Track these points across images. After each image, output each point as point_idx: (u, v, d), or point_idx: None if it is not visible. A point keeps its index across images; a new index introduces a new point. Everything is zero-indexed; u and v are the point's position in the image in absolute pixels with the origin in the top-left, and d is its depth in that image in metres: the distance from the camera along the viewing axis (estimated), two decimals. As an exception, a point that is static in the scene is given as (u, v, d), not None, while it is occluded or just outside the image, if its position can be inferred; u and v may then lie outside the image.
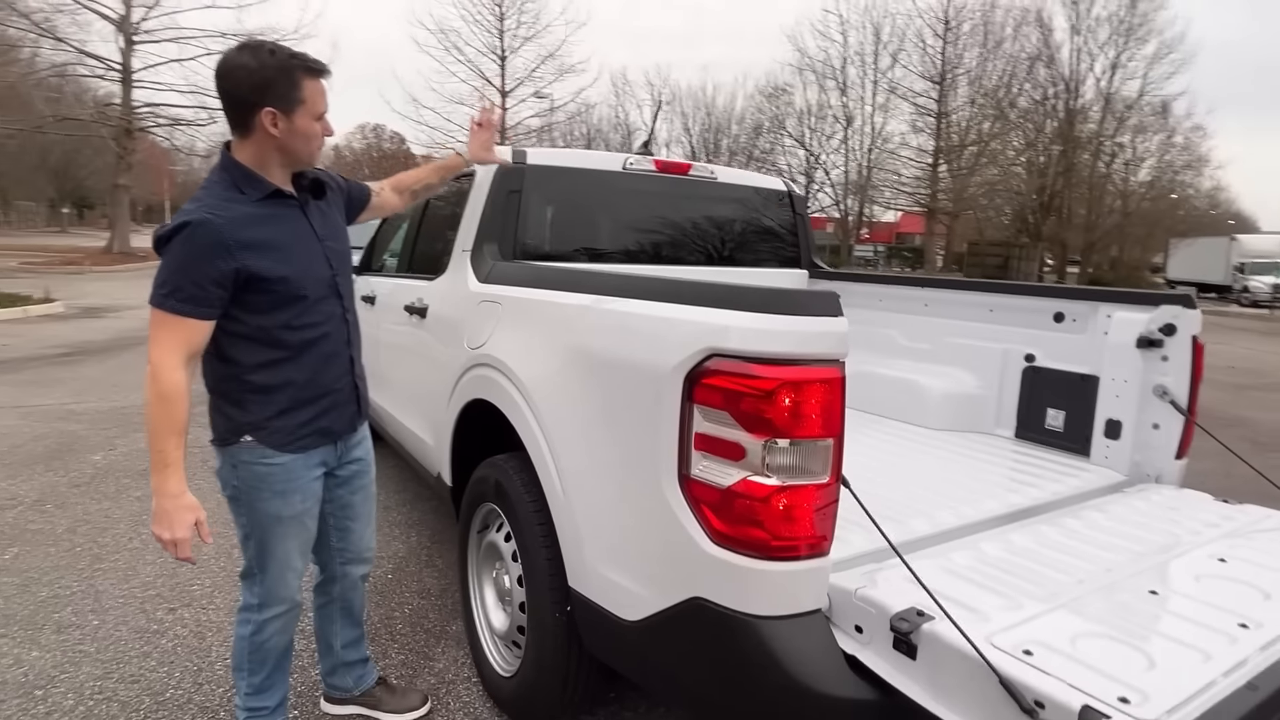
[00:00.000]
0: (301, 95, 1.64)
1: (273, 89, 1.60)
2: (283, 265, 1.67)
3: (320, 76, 1.69)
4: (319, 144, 1.74)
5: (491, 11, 24.75)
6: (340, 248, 1.86)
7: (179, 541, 1.60)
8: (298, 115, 1.64)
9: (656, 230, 3.24)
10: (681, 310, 1.53)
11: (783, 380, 1.33)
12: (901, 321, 3.19)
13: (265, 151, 1.67)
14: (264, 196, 1.66)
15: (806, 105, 35.03)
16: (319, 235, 1.79)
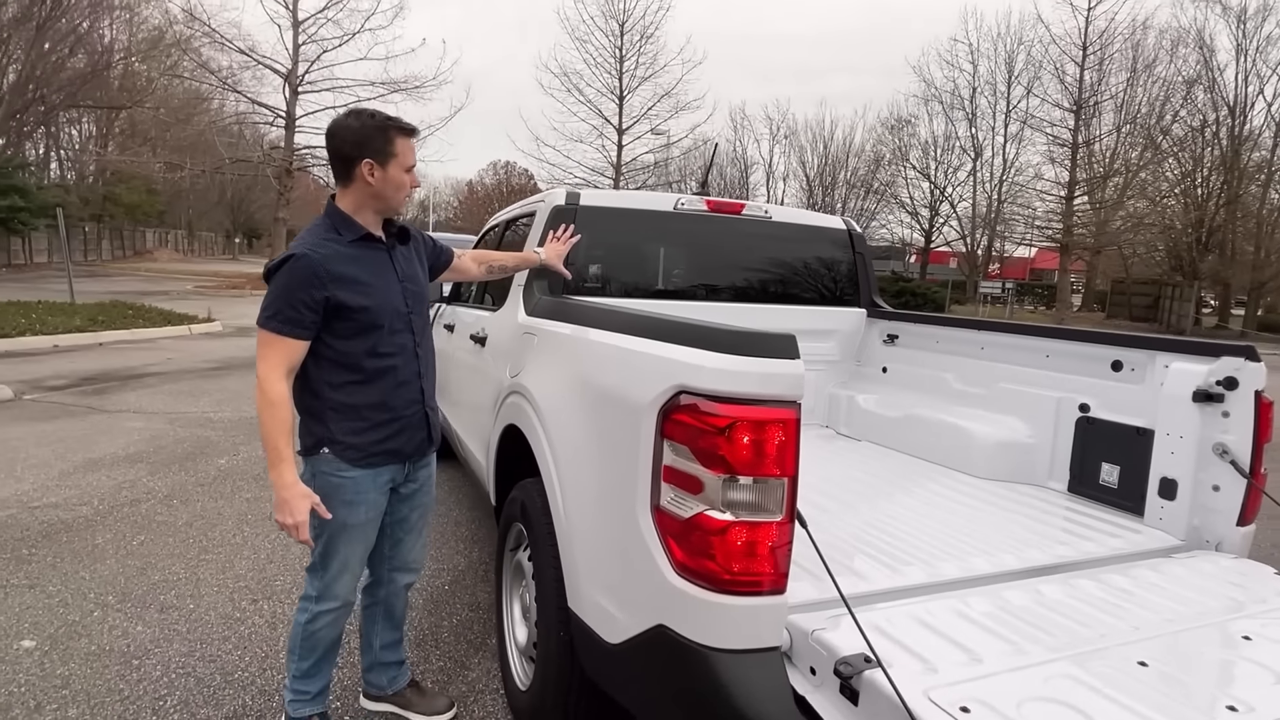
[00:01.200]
0: (394, 150, 1.92)
1: (371, 144, 1.90)
2: (365, 297, 1.92)
3: (410, 136, 1.97)
4: (406, 193, 2.01)
5: (612, 54, 25.79)
6: (417, 290, 2.10)
7: (299, 525, 1.86)
8: (391, 167, 1.92)
9: (710, 269, 3.32)
10: (662, 348, 1.62)
11: (737, 419, 1.39)
12: (957, 364, 3.09)
13: (362, 199, 1.95)
14: (356, 239, 1.95)
15: (932, 137, 33.97)
16: (400, 276, 2.04)
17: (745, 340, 1.42)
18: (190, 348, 11.02)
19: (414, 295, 2.10)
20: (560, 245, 2.81)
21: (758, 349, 1.41)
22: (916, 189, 35.02)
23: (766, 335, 1.42)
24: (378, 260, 2.01)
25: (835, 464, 2.94)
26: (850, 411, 3.43)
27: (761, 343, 1.42)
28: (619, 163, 26.23)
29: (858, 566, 1.85)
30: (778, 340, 1.42)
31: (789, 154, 35.41)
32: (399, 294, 2.03)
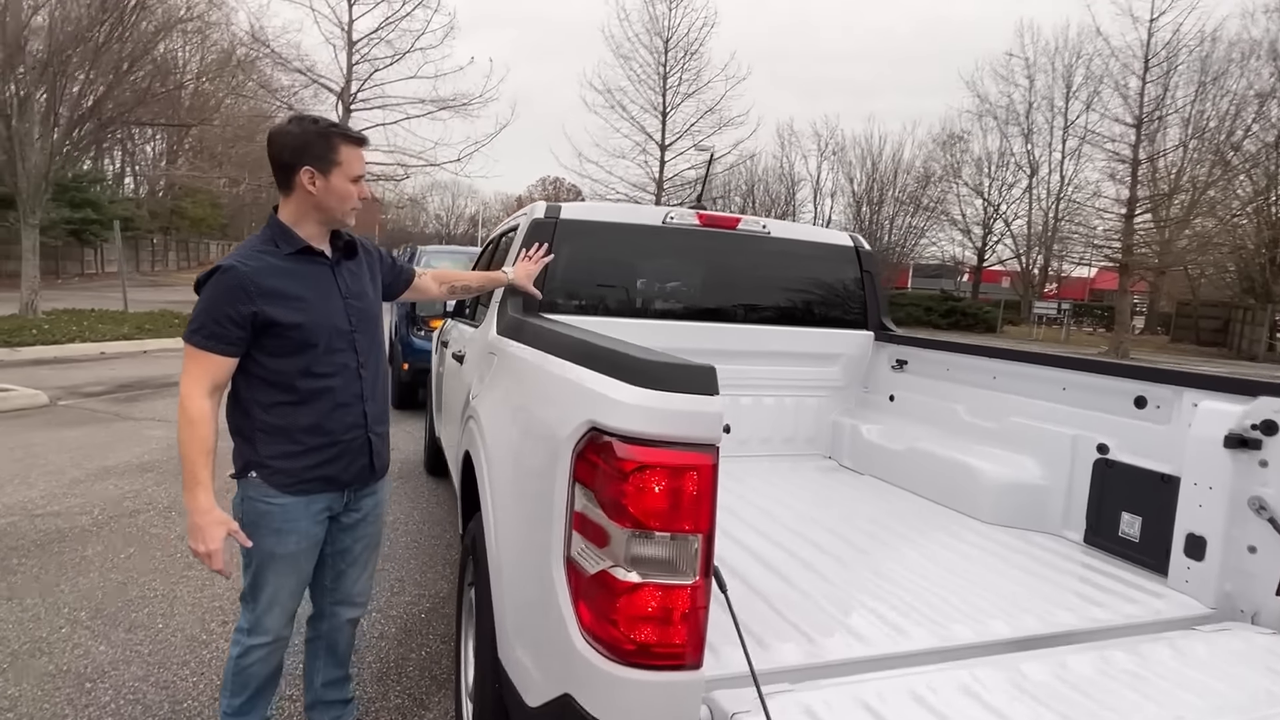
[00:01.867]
0: (338, 158, 1.82)
1: (310, 150, 1.80)
2: (298, 313, 1.82)
3: (357, 145, 1.87)
4: (353, 205, 1.90)
5: (656, 71, 25.83)
6: (363, 306, 1.99)
7: (212, 553, 1.77)
8: (334, 175, 1.82)
9: (703, 288, 3.13)
10: (585, 375, 1.44)
11: (645, 463, 1.19)
12: (967, 395, 2.82)
13: (303, 209, 1.85)
14: (294, 251, 1.85)
15: (985, 153, 33.06)
16: (343, 292, 1.93)
17: (661, 372, 1.23)
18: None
19: (359, 313, 1.98)
20: (530, 264, 2.68)
21: (675, 382, 1.22)
22: (969, 206, 34.12)
23: (685, 367, 1.23)
24: (317, 275, 1.90)
25: (835, 500, 2.70)
26: (854, 442, 3.18)
27: (679, 376, 1.22)
28: (661, 178, 26.16)
29: (855, 624, 1.64)
30: (697, 373, 1.22)
31: (836, 170, 34.76)
32: (340, 311, 1.92)
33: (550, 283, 2.81)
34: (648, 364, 1.25)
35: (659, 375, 1.23)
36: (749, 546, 2.13)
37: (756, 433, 3.22)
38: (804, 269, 3.26)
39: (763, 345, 3.15)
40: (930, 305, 32.01)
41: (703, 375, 1.22)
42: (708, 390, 1.21)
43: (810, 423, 3.30)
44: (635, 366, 1.27)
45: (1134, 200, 24.18)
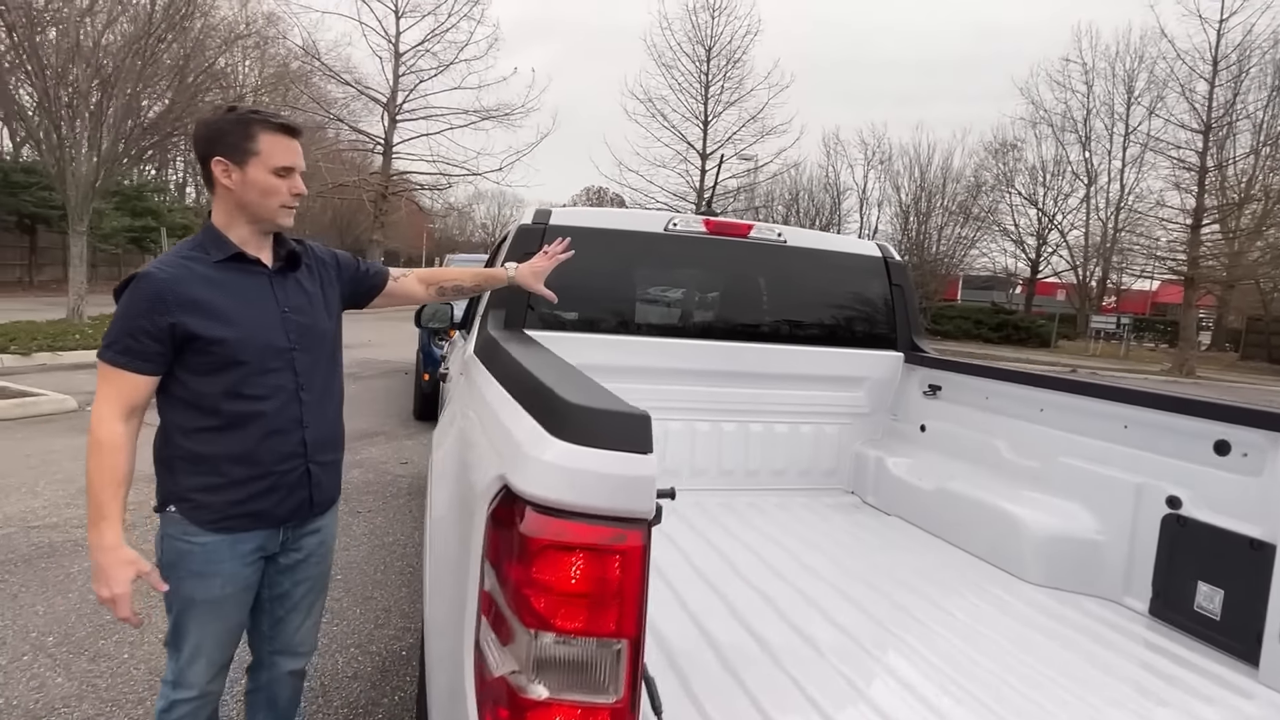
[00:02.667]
0: (255, 147, 1.61)
1: (223, 139, 1.60)
2: (223, 327, 1.60)
3: (283, 133, 1.64)
4: (281, 202, 1.67)
5: (698, 79, 25.60)
6: (307, 322, 1.77)
7: (116, 599, 1.56)
8: (251, 167, 1.61)
9: (710, 302, 2.83)
10: (514, 414, 1.16)
11: (551, 541, 0.91)
12: (1010, 429, 2.45)
13: (229, 209, 1.65)
14: (224, 258, 1.64)
15: (1040, 161, 31.91)
16: (281, 304, 1.71)
17: (581, 419, 0.94)
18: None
19: (301, 329, 1.74)
20: (542, 261, 2.32)
21: (597, 433, 0.93)
22: (1022, 216, 32.96)
23: (611, 415, 0.94)
24: (250, 285, 1.68)
25: (856, 545, 2.37)
26: (879, 477, 2.83)
27: (603, 425, 0.93)
28: (701, 187, 25.88)
29: (877, 699, 1.33)
30: (625, 423, 0.93)
31: (883, 179, 33.90)
32: (277, 327, 1.70)
33: (536, 296, 2.54)
34: (566, 406, 0.97)
35: (578, 423, 0.94)
36: (758, 591, 1.83)
37: (768, 464, 2.89)
38: (825, 282, 2.93)
39: (777, 366, 2.83)
40: (980, 318, 30.96)
41: (632, 426, 0.92)
42: (639, 446, 0.92)
43: (830, 453, 2.96)
44: (555, 408, 0.99)
45: (1201, 210, 22.96)
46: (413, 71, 25.96)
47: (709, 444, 2.81)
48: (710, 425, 2.81)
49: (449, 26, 25.03)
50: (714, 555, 2.19)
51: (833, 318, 2.96)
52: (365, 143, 27.48)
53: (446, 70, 25.60)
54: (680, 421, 2.78)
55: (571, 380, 1.15)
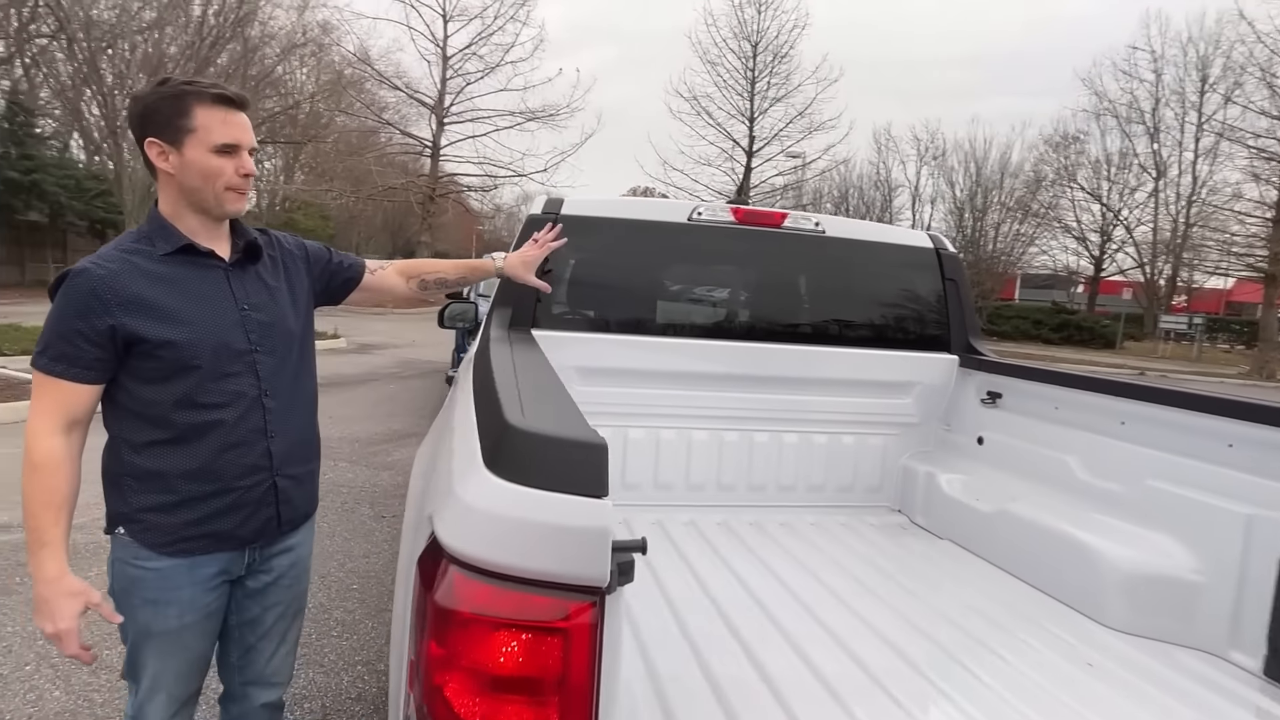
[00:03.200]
0: (191, 123, 1.42)
1: (155, 117, 1.43)
2: (171, 328, 1.43)
3: (220, 104, 1.45)
4: (226, 183, 1.48)
5: (744, 75, 25.16)
6: (269, 319, 1.59)
7: (61, 634, 1.41)
8: (188, 146, 1.43)
9: (740, 299, 2.58)
10: (464, 438, 0.93)
11: (468, 617, 0.67)
12: (1084, 444, 2.13)
13: (173, 196, 1.48)
14: (172, 251, 1.46)
15: (1104, 154, 30.51)
16: (240, 302, 1.54)
17: (521, 447, 0.71)
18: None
19: (263, 328, 1.56)
20: (533, 250, 2.14)
21: (538, 467, 0.69)
22: (1085, 212, 31.58)
23: (557, 443, 0.71)
24: (203, 281, 1.50)
25: (899, 572, 2.09)
26: (929, 495, 2.52)
27: (547, 456, 0.70)
28: (747, 184, 25.44)
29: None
30: (574, 454, 0.69)
31: (937, 175, 32.85)
32: (236, 326, 1.52)
33: (548, 292, 2.33)
34: (504, 428, 0.73)
35: (514, 452, 0.70)
36: (779, 625, 1.58)
37: (804, 478, 2.61)
38: (869, 276, 2.64)
39: (815, 370, 2.55)
40: (1040, 318, 29.76)
41: (583, 459, 0.69)
42: (591, 486, 0.68)
43: (874, 467, 2.67)
44: (493, 430, 0.76)
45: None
46: (460, 75, 26.17)
47: (738, 456, 2.55)
48: (740, 435, 2.55)
49: (495, 29, 25.17)
50: (735, 582, 1.93)
51: (878, 316, 2.67)
52: (415, 146, 27.87)
53: (492, 73, 25.74)
54: (706, 431, 2.53)
55: (533, 395, 0.92)
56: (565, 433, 0.71)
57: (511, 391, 0.93)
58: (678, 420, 2.50)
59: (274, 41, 19.78)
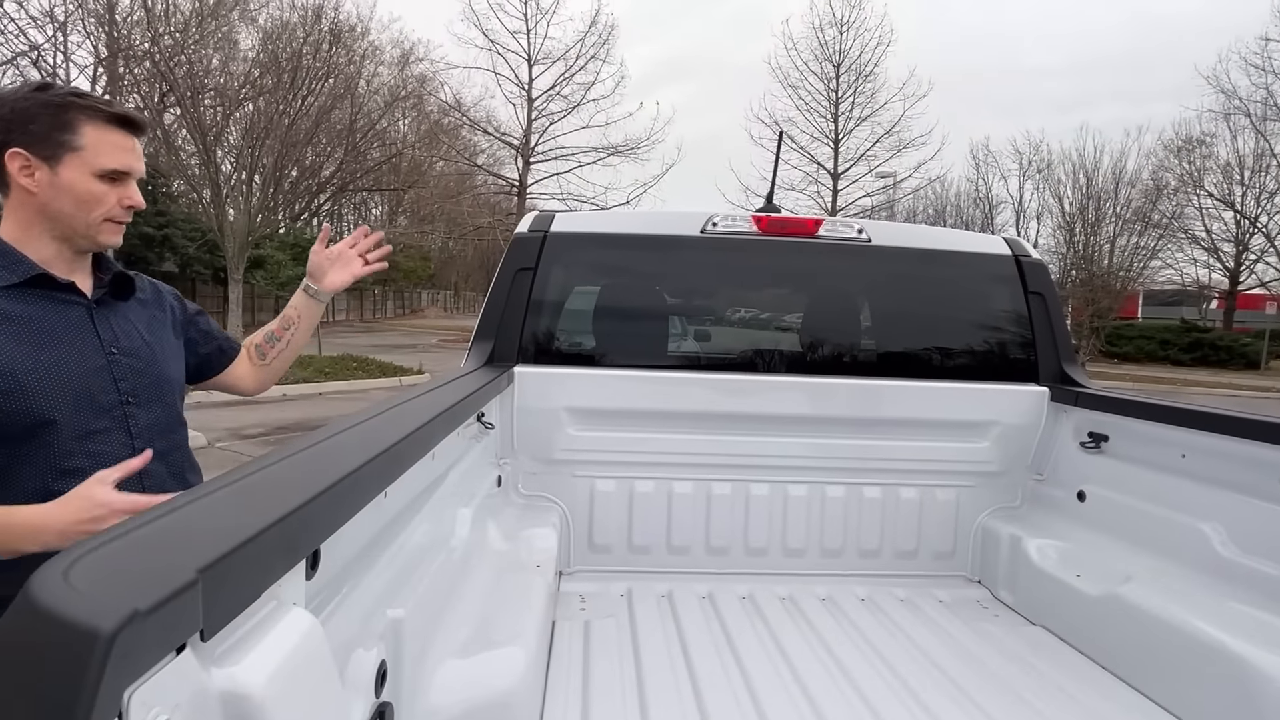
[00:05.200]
0: (76, 141, 1.23)
1: (27, 124, 1.21)
2: (9, 376, 1.18)
3: (115, 125, 1.26)
4: (107, 214, 1.27)
5: (826, 98, 24.58)
6: (141, 365, 1.34)
7: (111, 508, 1.08)
8: (66, 165, 1.22)
9: (767, 323, 2.16)
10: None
11: None
12: (1227, 506, 1.58)
13: (27, 217, 1.25)
14: (19, 282, 1.22)
15: (1236, 157, 27.77)
16: (105, 344, 1.30)
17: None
18: (390, 398, 11.68)
19: (136, 375, 1.31)
20: (339, 248, 1.66)
21: None
22: (1215, 220, 28.73)
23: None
24: (59, 319, 1.26)
25: (976, 671, 1.60)
26: (1015, 565, 2.00)
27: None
28: (834, 208, 24.64)
29: None
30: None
31: (1042, 190, 30.86)
32: (103, 373, 1.28)
33: (538, 321, 2.00)
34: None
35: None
36: None
37: (854, 541, 2.14)
38: (932, 291, 2.17)
39: (865, 409, 2.10)
40: (1167, 337, 27.16)
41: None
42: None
43: (943, 528, 2.16)
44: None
45: None
46: (544, 115, 26.93)
47: (767, 514, 2.12)
48: (770, 488, 2.11)
49: (577, 69, 25.80)
50: (761, 677, 1.51)
51: (945, 340, 2.19)
52: (505, 186, 28.83)
53: (575, 111, 26.31)
54: (728, 483, 2.11)
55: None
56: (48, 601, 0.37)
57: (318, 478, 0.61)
58: (694, 470, 2.10)
59: (377, 96, 21.15)
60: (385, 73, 25.95)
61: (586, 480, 2.10)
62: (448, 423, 1.30)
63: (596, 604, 1.91)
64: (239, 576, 0.52)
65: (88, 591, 0.41)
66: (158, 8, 13.59)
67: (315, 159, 14.40)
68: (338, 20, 15.64)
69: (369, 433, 1.01)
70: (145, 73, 12.59)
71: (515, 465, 2.09)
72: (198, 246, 24.74)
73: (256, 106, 12.86)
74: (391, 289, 48.52)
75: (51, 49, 11.54)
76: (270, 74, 12.92)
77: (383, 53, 26.11)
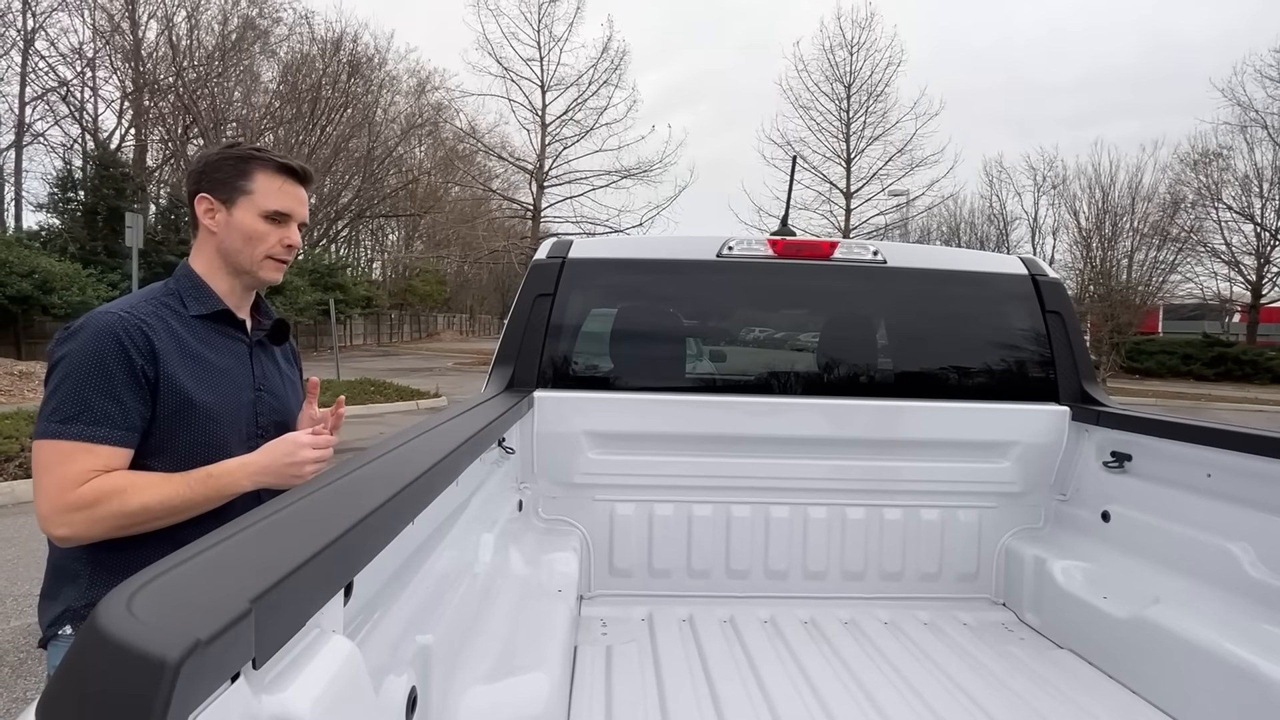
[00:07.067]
0: (249, 186, 1.37)
1: (213, 174, 1.37)
2: (200, 392, 1.29)
3: (282, 173, 1.39)
4: (268, 251, 1.38)
5: (838, 118, 24.72)
6: (279, 407, 1.44)
7: (314, 453, 1.26)
8: (239, 207, 1.36)
9: (784, 346, 2.18)
10: None
11: None
12: (1255, 526, 1.56)
13: (210, 254, 1.38)
14: (206, 314, 1.35)
15: (1254, 169, 27.51)
16: (255, 380, 1.41)
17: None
18: (408, 423, 11.70)
19: (271, 413, 1.41)
20: None
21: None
22: (1235, 233, 28.42)
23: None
24: (228, 351, 1.38)
25: (1002, 698, 1.58)
26: (1040, 587, 1.98)
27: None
28: (847, 227, 24.66)
29: None
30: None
31: (1058, 205, 30.70)
32: (248, 405, 1.38)
33: (557, 346, 2.03)
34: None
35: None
36: None
37: (876, 563, 2.13)
38: (949, 312, 2.18)
39: (884, 430, 2.10)
40: (1189, 352, 26.76)
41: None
42: None
43: (966, 550, 2.15)
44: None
45: None
46: (557, 140, 27.27)
47: (787, 537, 2.11)
48: (790, 510, 2.11)
49: (590, 95, 26.15)
50: (785, 702, 1.51)
51: (963, 360, 2.19)
52: (519, 210, 29.14)
53: (588, 135, 26.63)
54: (748, 505, 2.11)
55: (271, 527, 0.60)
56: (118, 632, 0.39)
57: None
58: (713, 493, 2.10)
59: (394, 124, 21.55)
60: (402, 101, 26.45)
61: (606, 504, 2.11)
62: (472, 450, 1.32)
63: (618, 629, 1.91)
64: (287, 606, 0.54)
65: (151, 622, 0.43)
66: (182, 44, 14.03)
67: (333, 186, 14.82)
68: (356, 52, 16.07)
69: (398, 462, 1.03)
70: (170, 106, 12.95)
71: (536, 489, 2.10)
72: (218, 274, 25.17)
73: (276, 136, 13.20)
74: (408, 313, 49.01)
75: (80, 84, 11.90)
76: (290, 105, 13.28)
77: (400, 82, 26.64)
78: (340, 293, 33.47)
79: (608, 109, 26.10)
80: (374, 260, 49.46)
